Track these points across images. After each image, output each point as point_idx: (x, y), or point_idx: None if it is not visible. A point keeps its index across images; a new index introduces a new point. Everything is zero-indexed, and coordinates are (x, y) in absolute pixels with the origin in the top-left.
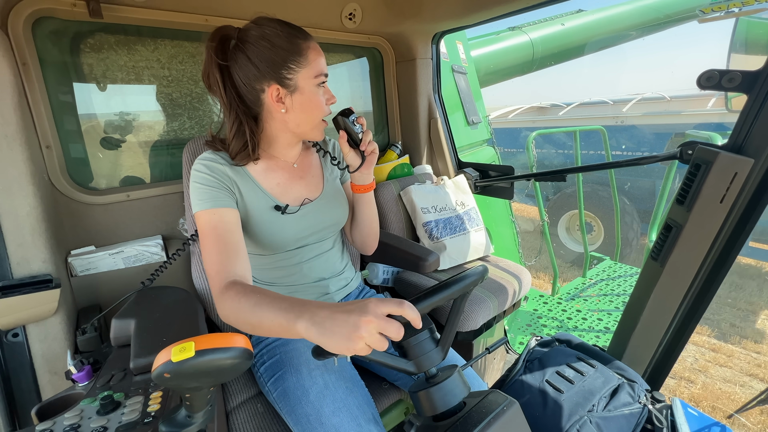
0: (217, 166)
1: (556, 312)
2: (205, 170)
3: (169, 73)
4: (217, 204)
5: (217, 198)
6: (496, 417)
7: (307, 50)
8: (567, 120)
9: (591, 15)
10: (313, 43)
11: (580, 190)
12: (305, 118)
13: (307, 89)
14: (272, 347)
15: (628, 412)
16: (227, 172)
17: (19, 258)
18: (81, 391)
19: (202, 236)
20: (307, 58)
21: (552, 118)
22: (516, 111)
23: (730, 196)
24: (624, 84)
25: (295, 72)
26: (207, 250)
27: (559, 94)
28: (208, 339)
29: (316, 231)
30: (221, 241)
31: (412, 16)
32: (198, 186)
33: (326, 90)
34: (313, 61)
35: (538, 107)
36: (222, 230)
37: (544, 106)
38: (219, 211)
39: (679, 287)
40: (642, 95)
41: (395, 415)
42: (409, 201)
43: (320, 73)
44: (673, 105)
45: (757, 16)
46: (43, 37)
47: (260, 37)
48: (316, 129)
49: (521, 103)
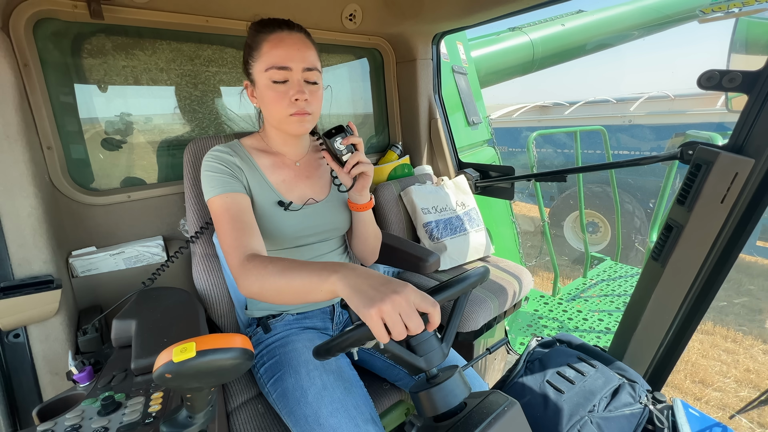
0: (227, 157)
1: (557, 312)
2: (216, 160)
3: (171, 75)
4: (229, 189)
5: (229, 183)
6: (496, 417)
7: (262, 42)
8: (572, 119)
9: (591, 15)
10: (275, 36)
11: (581, 190)
12: (269, 113)
13: (261, 83)
14: (272, 348)
15: (629, 412)
16: (237, 162)
17: (20, 259)
18: (82, 391)
19: (217, 219)
20: (260, 50)
21: (557, 118)
22: (520, 110)
23: (730, 197)
24: (624, 83)
25: (252, 66)
26: (223, 230)
27: (560, 93)
28: (209, 339)
29: (316, 232)
30: (237, 219)
31: (412, 17)
32: (209, 174)
33: (292, 84)
34: (266, 53)
35: (540, 106)
36: (236, 211)
37: (547, 105)
38: (231, 195)
39: (680, 287)
40: (648, 94)
41: (396, 416)
42: (409, 201)
43: (272, 66)
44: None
45: (757, 16)
46: (45, 38)
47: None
48: (284, 124)
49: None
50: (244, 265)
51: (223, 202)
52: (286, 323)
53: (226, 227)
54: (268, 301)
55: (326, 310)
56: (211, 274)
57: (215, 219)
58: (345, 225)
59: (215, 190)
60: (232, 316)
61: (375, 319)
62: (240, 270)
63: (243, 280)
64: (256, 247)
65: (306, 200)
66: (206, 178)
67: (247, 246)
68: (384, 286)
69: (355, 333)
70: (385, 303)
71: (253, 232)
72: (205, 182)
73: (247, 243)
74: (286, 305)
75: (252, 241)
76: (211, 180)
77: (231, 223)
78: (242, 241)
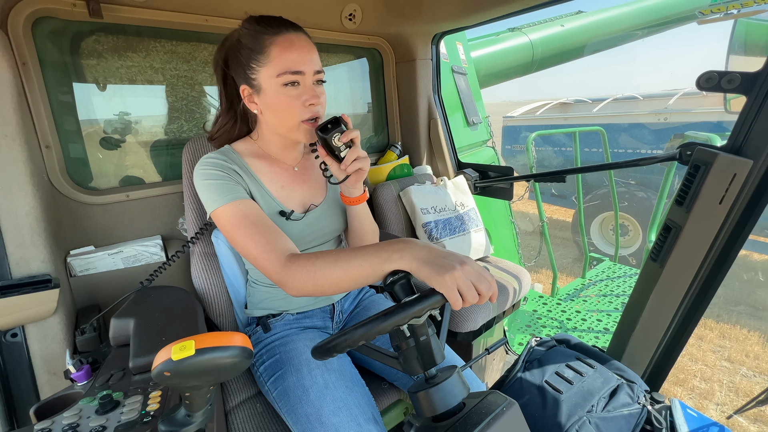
0: (225, 164)
1: (556, 313)
2: (214, 168)
3: (170, 74)
4: (239, 196)
5: (236, 191)
6: (495, 418)
7: (269, 46)
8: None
9: (590, 16)
10: (282, 38)
11: (580, 189)
12: (277, 120)
13: (270, 89)
14: (272, 347)
15: (627, 412)
16: (236, 170)
17: (18, 258)
18: (80, 390)
19: (233, 228)
20: (269, 56)
21: (584, 115)
22: (542, 107)
23: (729, 197)
24: (625, 82)
25: (257, 71)
26: (248, 235)
27: (559, 91)
28: (208, 338)
29: (316, 237)
30: (260, 223)
31: (411, 17)
32: (210, 183)
33: (305, 89)
34: (276, 57)
35: (562, 103)
36: (255, 215)
37: (569, 102)
38: (243, 201)
39: (679, 288)
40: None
41: (394, 415)
42: (408, 202)
43: (285, 71)
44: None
45: (756, 17)
46: (43, 37)
47: (238, 38)
48: (294, 131)
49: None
50: (289, 267)
51: (237, 210)
52: (286, 323)
53: (251, 232)
54: (321, 295)
55: (326, 309)
56: (210, 273)
57: (229, 229)
58: (344, 225)
59: (223, 199)
60: (231, 315)
61: (450, 285)
62: (285, 272)
63: (291, 281)
64: (290, 246)
65: (308, 207)
66: (207, 187)
67: (284, 247)
68: (449, 256)
69: (425, 302)
70: (456, 270)
71: (280, 233)
72: (206, 192)
73: (281, 244)
74: (286, 305)
75: (285, 241)
76: (214, 189)
77: (255, 227)
78: (276, 243)
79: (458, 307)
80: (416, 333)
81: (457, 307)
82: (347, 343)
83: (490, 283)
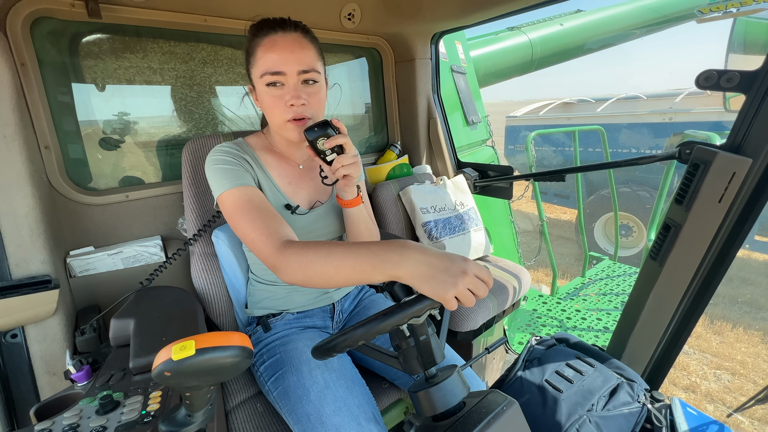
0: (236, 152)
1: (556, 312)
2: (225, 154)
3: (168, 74)
4: (245, 182)
5: (243, 177)
6: (495, 417)
7: (256, 48)
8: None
9: (589, 15)
10: (267, 39)
11: (579, 189)
12: (269, 118)
13: (259, 90)
14: (272, 347)
15: (627, 411)
16: (248, 160)
17: (17, 259)
18: (80, 390)
19: (236, 211)
20: (255, 57)
21: (588, 115)
22: (546, 107)
23: (728, 196)
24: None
25: (251, 73)
26: (248, 219)
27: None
28: (209, 337)
29: (319, 234)
30: (262, 208)
31: (411, 17)
32: (219, 168)
33: (288, 89)
34: (260, 59)
35: (565, 103)
36: (258, 201)
37: (572, 101)
38: (249, 188)
39: (678, 287)
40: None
41: (395, 415)
42: (408, 201)
43: (266, 72)
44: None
45: (755, 16)
46: (42, 38)
47: None
48: (283, 130)
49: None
50: (282, 252)
51: (242, 194)
52: (286, 322)
53: (252, 215)
54: (313, 287)
55: (326, 308)
56: (210, 272)
57: (233, 212)
58: (343, 229)
59: (229, 183)
60: (231, 315)
61: (450, 299)
62: (278, 257)
63: (284, 267)
64: (288, 233)
65: (313, 203)
66: (215, 172)
67: (281, 232)
68: (449, 268)
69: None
70: (458, 286)
71: (281, 220)
72: (214, 177)
73: (279, 229)
74: (287, 305)
75: (284, 227)
76: (223, 173)
77: (256, 211)
78: (274, 227)
79: (455, 308)
80: (416, 332)
81: (453, 308)
82: (347, 343)
83: (487, 284)
